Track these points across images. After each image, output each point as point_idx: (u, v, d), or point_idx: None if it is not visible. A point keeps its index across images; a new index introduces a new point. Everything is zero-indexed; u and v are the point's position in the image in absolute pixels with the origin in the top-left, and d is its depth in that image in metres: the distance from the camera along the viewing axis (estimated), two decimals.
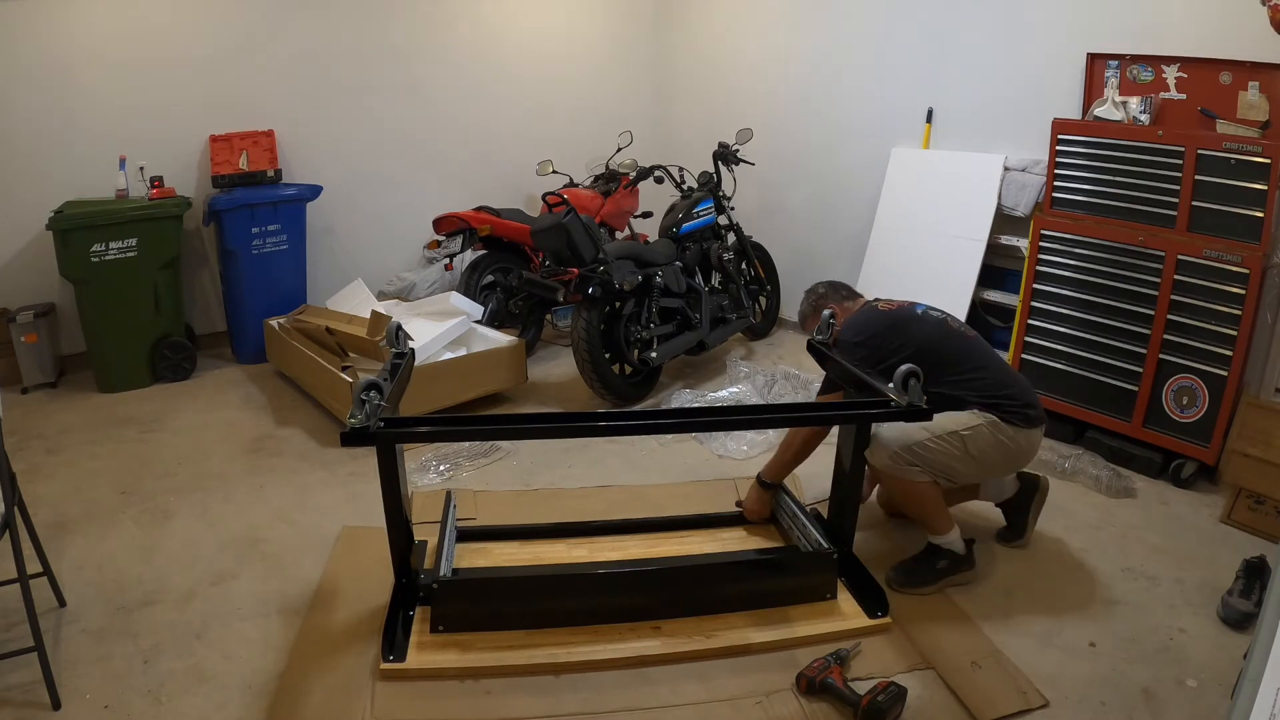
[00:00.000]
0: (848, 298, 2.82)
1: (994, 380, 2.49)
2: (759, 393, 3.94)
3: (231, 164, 4.32)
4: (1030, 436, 2.50)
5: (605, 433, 3.29)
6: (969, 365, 2.50)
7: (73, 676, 2.11)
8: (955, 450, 2.40)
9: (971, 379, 2.48)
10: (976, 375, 2.48)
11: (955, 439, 2.40)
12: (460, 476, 3.21)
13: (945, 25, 4.03)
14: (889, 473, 2.43)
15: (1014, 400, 2.47)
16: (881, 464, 2.42)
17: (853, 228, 4.56)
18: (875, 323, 2.59)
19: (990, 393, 2.47)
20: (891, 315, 2.60)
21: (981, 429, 2.42)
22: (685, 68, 5.61)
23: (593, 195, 4.74)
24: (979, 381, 2.48)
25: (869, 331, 2.56)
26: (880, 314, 2.62)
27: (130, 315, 4.01)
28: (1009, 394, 2.48)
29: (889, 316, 2.59)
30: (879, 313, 2.63)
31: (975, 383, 2.47)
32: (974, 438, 2.41)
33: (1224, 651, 2.21)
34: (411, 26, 4.85)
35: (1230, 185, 2.93)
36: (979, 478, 2.60)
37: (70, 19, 4.00)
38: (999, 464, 2.51)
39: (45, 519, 2.79)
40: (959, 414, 2.43)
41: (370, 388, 2.10)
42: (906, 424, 2.35)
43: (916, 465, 2.39)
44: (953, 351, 2.53)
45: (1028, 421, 2.47)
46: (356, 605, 2.38)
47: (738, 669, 2.15)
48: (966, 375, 2.48)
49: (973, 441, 2.41)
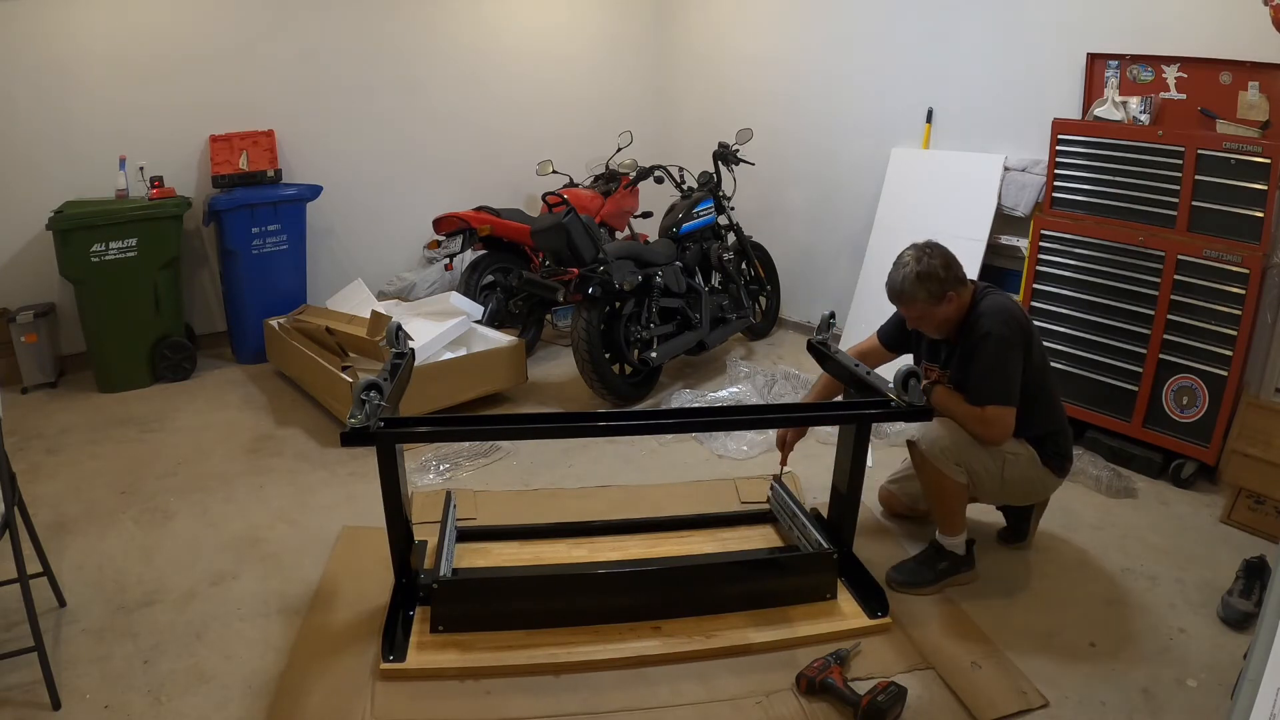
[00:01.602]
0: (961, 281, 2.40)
1: (1051, 416, 2.47)
2: (759, 393, 3.94)
3: (231, 164, 4.32)
4: (1055, 483, 2.53)
5: (605, 433, 3.29)
6: (1045, 388, 2.44)
7: (73, 676, 2.11)
8: (994, 469, 2.40)
9: (1037, 405, 2.42)
10: (1043, 403, 2.44)
11: (998, 458, 2.40)
12: (460, 476, 3.21)
13: (945, 25, 4.03)
14: (936, 463, 2.40)
15: (1058, 446, 2.48)
16: (934, 454, 2.39)
17: (853, 228, 4.56)
18: (1023, 317, 2.40)
19: (1045, 427, 2.45)
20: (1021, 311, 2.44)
21: (1022, 458, 2.43)
22: (685, 68, 5.61)
23: (593, 195, 4.74)
24: (1042, 412, 2.44)
25: (1022, 325, 2.37)
26: (1018, 306, 2.44)
27: (130, 315, 4.01)
28: (1057, 434, 2.48)
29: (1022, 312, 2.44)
30: (1017, 305, 2.44)
31: (1038, 412, 2.43)
32: (1013, 463, 2.42)
33: (1224, 651, 2.21)
34: (411, 26, 4.85)
35: (1230, 185, 2.93)
36: (998, 501, 2.60)
37: (70, 19, 4.00)
38: (1020, 495, 2.54)
39: (45, 519, 2.79)
40: None
41: (370, 388, 2.10)
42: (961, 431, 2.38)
43: (960, 465, 2.39)
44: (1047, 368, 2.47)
45: (1060, 471, 2.50)
46: (356, 605, 2.38)
47: (738, 669, 2.15)
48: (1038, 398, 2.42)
49: (1011, 466, 2.42)
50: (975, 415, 2.35)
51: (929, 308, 2.37)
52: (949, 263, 2.35)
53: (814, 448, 3.40)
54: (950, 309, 2.38)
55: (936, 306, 2.36)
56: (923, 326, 2.46)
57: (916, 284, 2.34)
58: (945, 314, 2.38)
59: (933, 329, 2.45)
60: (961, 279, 2.39)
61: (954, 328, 2.44)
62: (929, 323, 2.42)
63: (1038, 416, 2.43)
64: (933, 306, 2.36)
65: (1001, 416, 2.33)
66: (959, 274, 2.38)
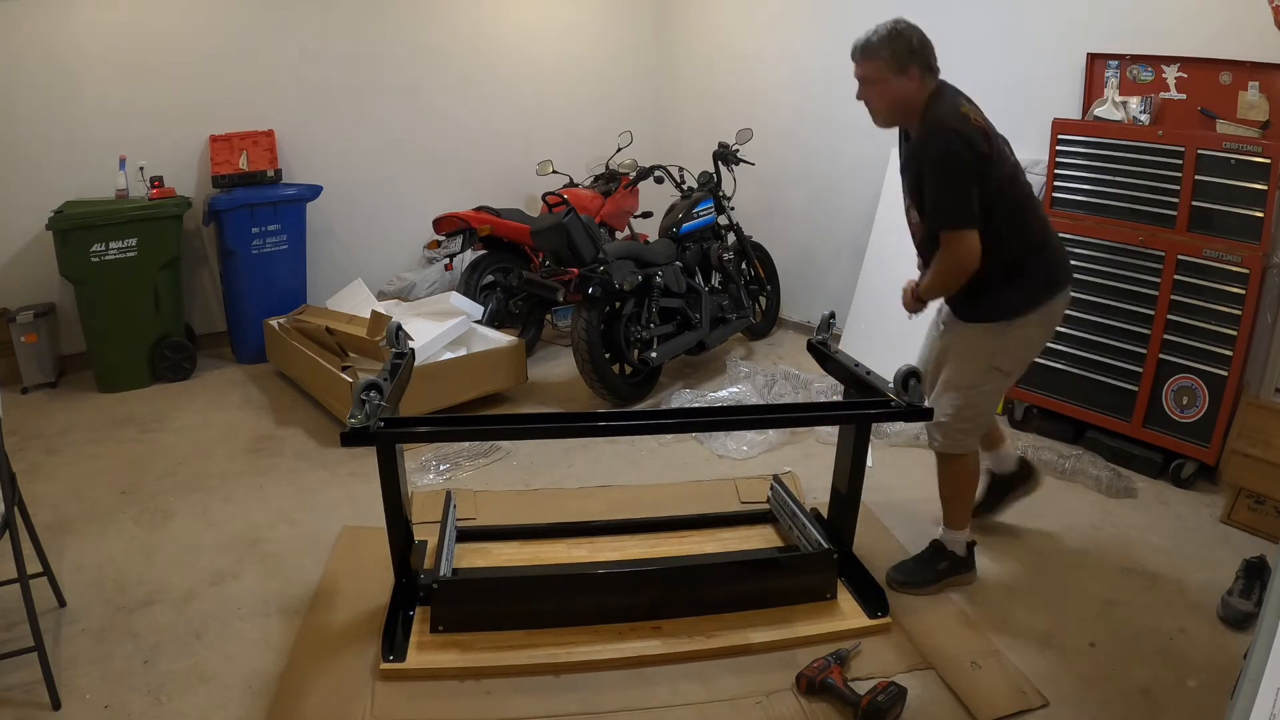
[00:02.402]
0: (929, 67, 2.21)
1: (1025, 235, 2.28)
2: (759, 393, 3.94)
3: (231, 164, 4.32)
4: (1058, 304, 2.36)
5: (605, 433, 3.29)
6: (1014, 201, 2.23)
7: (73, 676, 2.11)
8: (993, 381, 2.37)
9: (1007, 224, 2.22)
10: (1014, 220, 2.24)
11: (987, 374, 2.35)
12: (460, 476, 3.21)
13: (945, 25, 4.01)
14: (952, 451, 2.41)
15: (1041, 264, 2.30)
16: (947, 446, 2.40)
17: (853, 228, 4.56)
18: (971, 132, 2.14)
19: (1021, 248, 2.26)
20: None
21: (1005, 339, 2.32)
22: (685, 68, 5.60)
23: (593, 195, 4.74)
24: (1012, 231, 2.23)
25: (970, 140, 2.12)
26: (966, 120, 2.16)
27: (130, 315, 4.01)
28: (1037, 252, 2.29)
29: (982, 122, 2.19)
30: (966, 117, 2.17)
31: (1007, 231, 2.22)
32: (1003, 355, 2.34)
33: (1224, 651, 2.21)
34: (412, 27, 4.85)
35: (1230, 185, 2.93)
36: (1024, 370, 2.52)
37: (71, 19, 4.00)
38: (1034, 352, 2.47)
39: (45, 519, 2.78)
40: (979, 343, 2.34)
41: (370, 388, 2.10)
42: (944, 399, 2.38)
43: (968, 425, 2.39)
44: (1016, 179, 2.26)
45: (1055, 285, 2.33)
46: (356, 605, 2.38)
47: (738, 669, 2.15)
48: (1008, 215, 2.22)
49: (1003, 359, 2.35)
50: (940, 256, 2.22)
51: (885, 72, 2.19)
52: (925, 43, 2.21)
53: (814, 448, 3.41)
54: (905, 89, 2.20)
55: (893, 77, 2.18)
56: (870, 99, 2.27)
57: (885, 39, 2.18)
58: (897, 92, 2.20)
59: (882, 107, 2.26)
60: (931, 65, 2.20)
61: (904, 122, 2.27)
62: (880, 95, 2.24)
63: (1008, 237, 2.22)
64: (890, 73, 2.18)
65: (961, 239, 2.16)
66: (930, 60, 2.20)
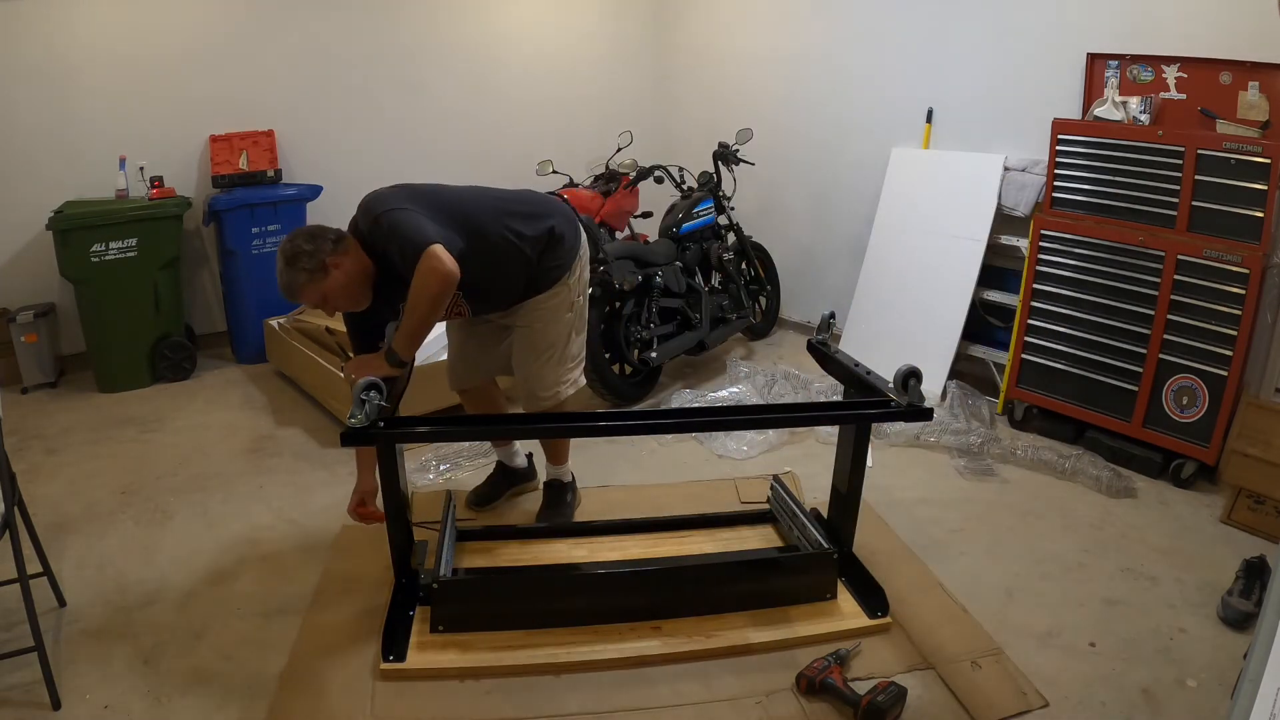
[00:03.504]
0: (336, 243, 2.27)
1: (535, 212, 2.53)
2: (759, 393, 3.94)
3: (231, 164, 4.32)
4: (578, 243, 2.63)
5: (605, 433, 3.29)
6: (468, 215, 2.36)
7: (73, 676, 2.11)
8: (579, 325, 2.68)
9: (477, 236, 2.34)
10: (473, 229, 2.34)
11: (575, 319, 2.64)
12: (460, 476, 3.21)
13: (945, 25, 4.03)
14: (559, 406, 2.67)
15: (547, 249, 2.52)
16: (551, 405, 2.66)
17: (853, 228, 4.56)
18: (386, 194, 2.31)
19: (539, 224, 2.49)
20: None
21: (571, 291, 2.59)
22: (685, 67, 5.60)
23: (593, 195, 4.73)
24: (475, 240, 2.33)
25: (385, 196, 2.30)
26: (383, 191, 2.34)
27: (130, 315, 4.01)
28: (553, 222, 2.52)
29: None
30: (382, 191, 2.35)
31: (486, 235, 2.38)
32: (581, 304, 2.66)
33: (1224, 651, 2.21)
34: (411, 26, 4.85)
35: (1230, 185, 2.93)
36: None
37: (71, 19, 4.00)
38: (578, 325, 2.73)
39: (45, 519, 2.78)
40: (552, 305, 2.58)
41: (370, 388, 2.10)
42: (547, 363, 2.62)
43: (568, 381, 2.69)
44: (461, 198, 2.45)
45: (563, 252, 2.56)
46: (356, 605, 2.38)
47: (738, 669, 2.15)
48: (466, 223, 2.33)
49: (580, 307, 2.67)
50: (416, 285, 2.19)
51: (322, 283, 2.22)
52: (312, 234, 2.23)
53: (814, 447, 3.41)
54: (347, 271, 2.24)
55: (327, 278, 2.21)
56: (344, 305, 2.32)
57: (292, 271, 2.20)
58: (346, 278, 2.24)
59: (357, 298, 2.31)
60: (337, 239, 2.25)
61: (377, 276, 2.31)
62: (344, 297, 2.28)
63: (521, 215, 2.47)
64: (323, 280, 2.21)
65: (427, 259, 2.15)
66: (328, 237, 2.23)
